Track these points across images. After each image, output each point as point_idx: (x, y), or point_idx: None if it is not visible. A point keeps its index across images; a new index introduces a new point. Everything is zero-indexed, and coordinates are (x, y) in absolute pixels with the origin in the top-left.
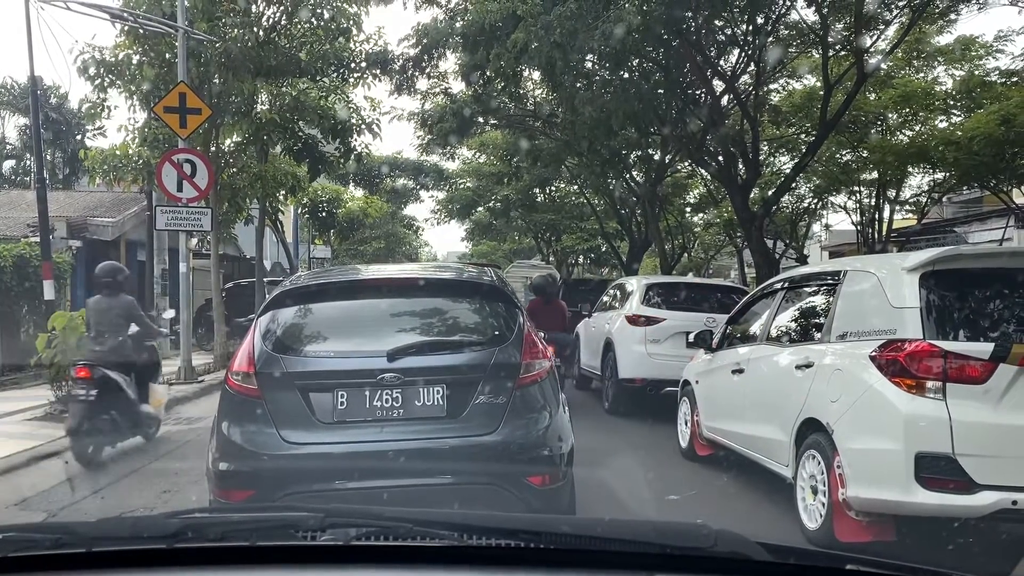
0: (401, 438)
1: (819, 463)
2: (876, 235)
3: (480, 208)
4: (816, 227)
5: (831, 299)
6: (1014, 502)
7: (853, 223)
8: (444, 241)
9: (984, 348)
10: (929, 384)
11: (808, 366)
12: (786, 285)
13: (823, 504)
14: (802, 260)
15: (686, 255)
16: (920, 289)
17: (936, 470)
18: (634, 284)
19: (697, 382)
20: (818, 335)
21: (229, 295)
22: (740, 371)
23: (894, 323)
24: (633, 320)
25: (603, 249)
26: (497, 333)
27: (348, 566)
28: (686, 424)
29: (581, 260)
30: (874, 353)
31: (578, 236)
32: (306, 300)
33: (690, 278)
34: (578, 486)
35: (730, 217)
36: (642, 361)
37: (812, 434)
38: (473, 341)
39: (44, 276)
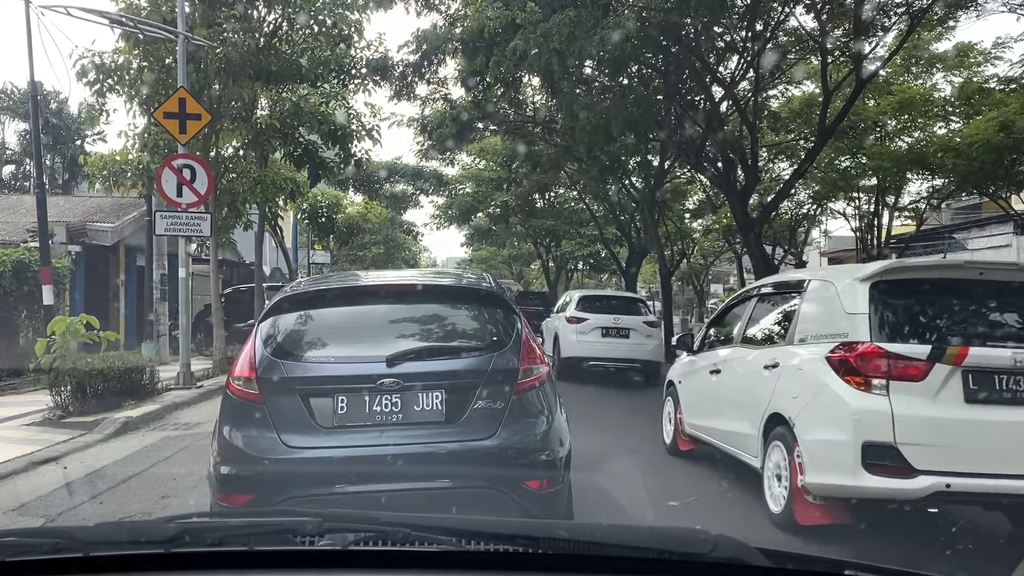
0: (400, 442)
1: (782, 453)
2: (875, 241)
3: (479, 214)
4: (815, 233)
5: (796, 305)
6: (948, 485)
7: (852, 229)
8: (443, 246)
9: (923, 349)
10: (875, 382)
11: (774, 366)
12: (759, 292)
13: (785, 489)
14: (801, 266)
15: (685, 261)
16: (870, 297)
17: (880, 457)
18: (574, 296)
19: (680, 382)
20: (784, 338)
21: (228, 300)
22: (717, 371)
23: (847, 327)
24: (570, 320)
25: (602, 255)
26: (495, 338)
27: (346, 571)
28: (670, 422)
29: (580, 266)
30: (829, 354)
31: (577, 242)
32: (306, 306)
33: (608, 291)
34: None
35: (729, 223)
36: (575, 346)
37: (777, 427)
38: (472, 346)
39: (43, 281)
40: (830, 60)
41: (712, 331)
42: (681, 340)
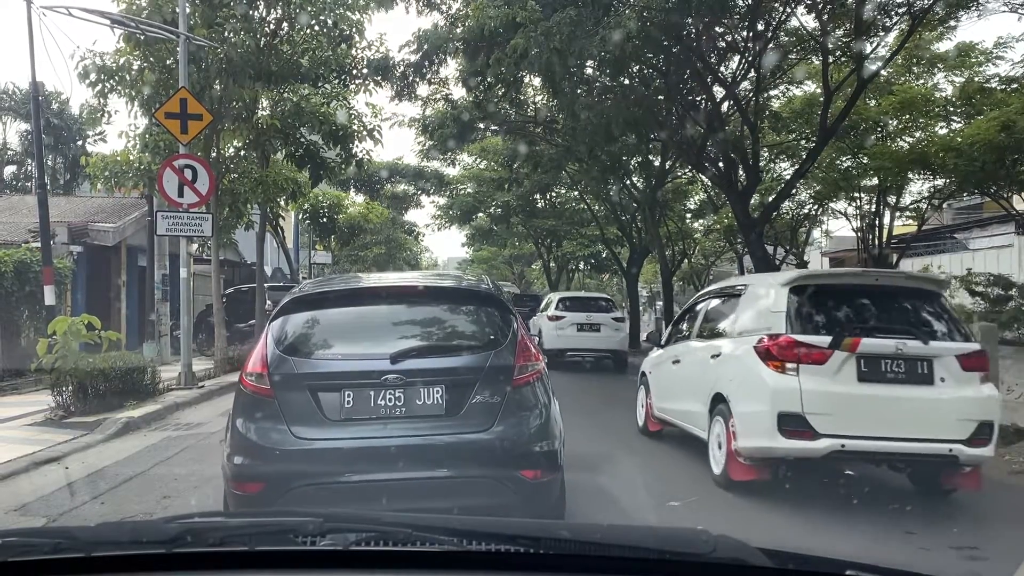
0: (403, 434)
1: (722, 425)
2: (877, 241)
3: (480, 214)
4: (816, 233)
5: (736, 305)
6: (843, 445)
7: (853, 229)
8: (444, 247)
9: (825, 340)
10: (788, 365)
11: (718, 355)
12: (711, 295)
13: (724, 454)
14: (802, 266)
15: (686, 261)
16: (788, 298)
17: (791, 424)
18: (554, 297)
19: (650, 372)
20: (727, 332)
21: (230, 300)
22: (678, 361)
23: (771, 323)
24: (551, 317)
25: (603, 255)
26: (493, 337)
27: (348, 571)
28: (642, 407)
29: (582, 266)
30: (756, 344)
31: (578, 242)
32: (315, 306)
33: (581, 292)
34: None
35: (730, 223)
36: (555, 339)
37: (719, 405)
38: (470, 345)
39: (44, 281)
40: (831, 60)
41: (676, 328)
42: (650, 336)
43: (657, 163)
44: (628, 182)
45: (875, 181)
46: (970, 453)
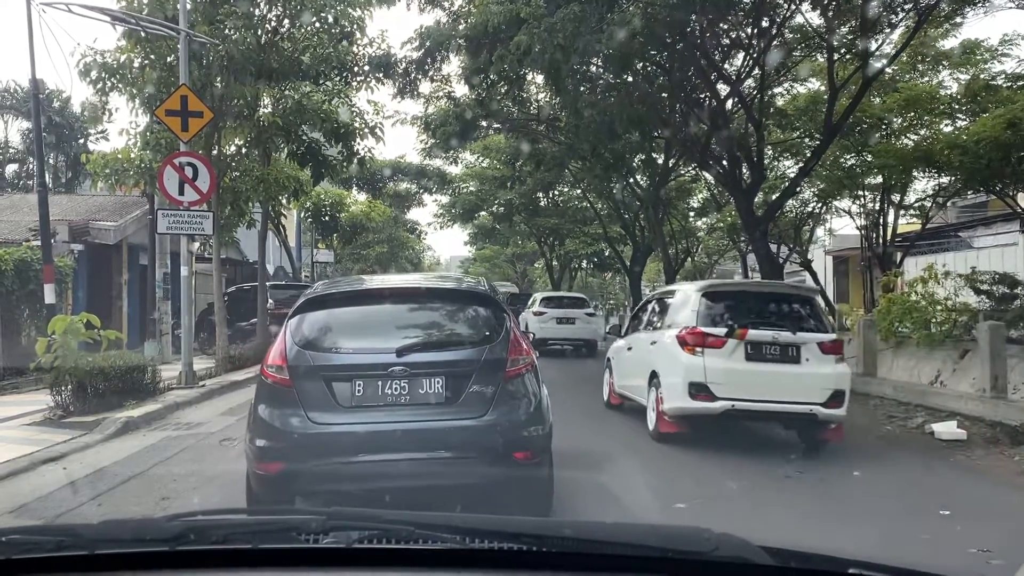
0: (407, 420)
1: (655, 394)
2: (881, 240)
3: (483, 212)
4: (820, 231)
5: (669, 305)
6: (733, 405)
7: (857, 228)
8: (447, 245)
9: (723, 331)
10: (697, 349)
11: (655, 343)
12: (656, 297)
13: (655, 414)
14: (806, 265)
15: (690, 259)
16: (700, 300)
17: (698, 390)
18: (538, 296)
19: (613, 358)
20: (662, 326)
21: (231, 299)
22: (630, 348)
23: (688, 318)
24: (535, 313)
25: (606, 254)
26: (488, 334)
27: (350, 569)
28: (607, 385)
29: (584, 264)
30: (677, 334)
31: (581, 240)
32: (328, 306)
33: (561, 292)
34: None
35: (734, 222)
36: (538, 330)
37: (654, 379)
38: (467, 340)
39: (45, 280)
40: (836, 57)
41: (632, 323)
42: (613, 329)
43: (661, 161)
44: (631, 180)
45: (879, 179)
46: (826, 412)
